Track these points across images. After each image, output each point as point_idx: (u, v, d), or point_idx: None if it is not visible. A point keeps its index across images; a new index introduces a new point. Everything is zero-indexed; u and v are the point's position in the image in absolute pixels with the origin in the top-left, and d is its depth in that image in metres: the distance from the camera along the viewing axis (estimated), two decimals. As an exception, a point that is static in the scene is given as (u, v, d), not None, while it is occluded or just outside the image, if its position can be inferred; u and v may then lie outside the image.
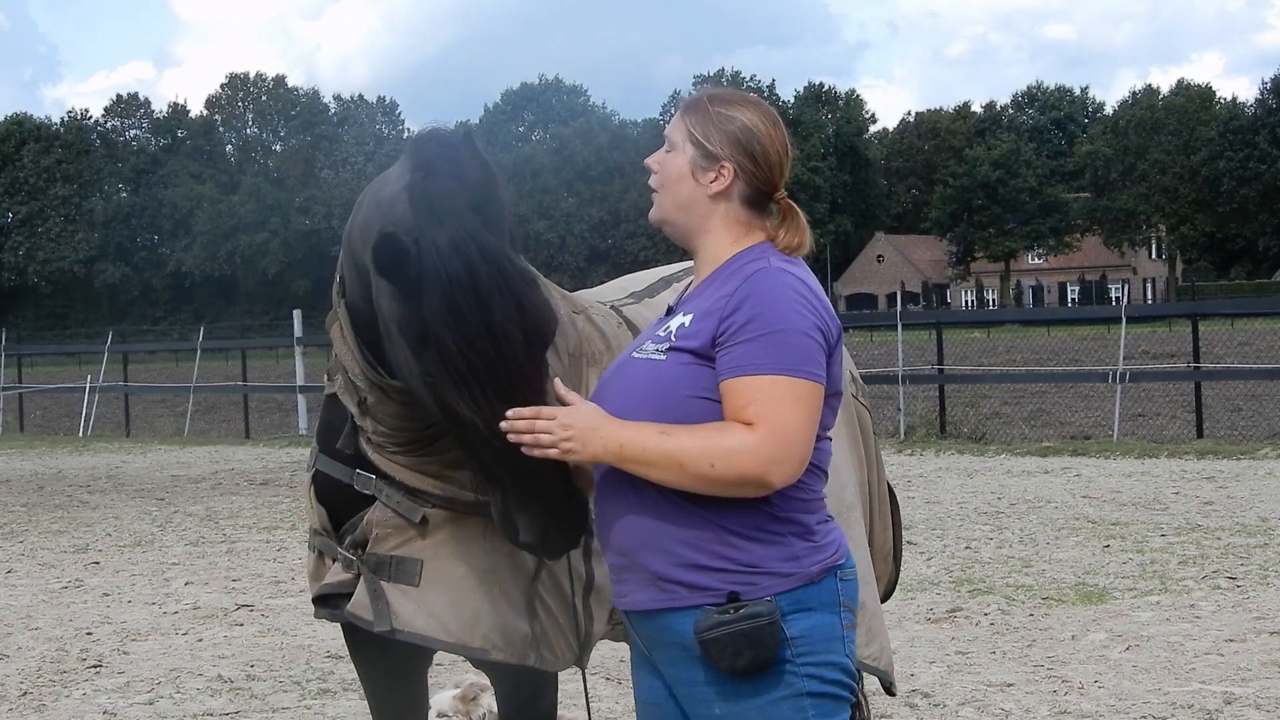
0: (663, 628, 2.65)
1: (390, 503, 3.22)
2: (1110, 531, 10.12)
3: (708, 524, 2.59)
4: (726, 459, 2.53)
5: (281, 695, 6.47)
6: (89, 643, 7.70)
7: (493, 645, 3.21)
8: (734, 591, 2.57)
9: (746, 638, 2.54)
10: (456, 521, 3.22)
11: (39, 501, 14.89)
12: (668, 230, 2.82)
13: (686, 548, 2.60)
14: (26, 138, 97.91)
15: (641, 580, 2.65)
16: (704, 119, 2.76)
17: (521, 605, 3.24)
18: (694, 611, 2.58)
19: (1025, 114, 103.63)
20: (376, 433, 3.18)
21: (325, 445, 3.36)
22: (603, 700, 6.14)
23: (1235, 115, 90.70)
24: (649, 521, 2.62)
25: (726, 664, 2.56)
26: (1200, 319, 19.99)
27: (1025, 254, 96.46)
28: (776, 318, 2.59)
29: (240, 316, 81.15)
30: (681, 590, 2.60)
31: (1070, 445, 16.62)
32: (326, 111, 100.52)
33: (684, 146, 2.77)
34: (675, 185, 2.77)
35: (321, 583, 3.36)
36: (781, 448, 2.54)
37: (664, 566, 2.61)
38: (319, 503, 3.38)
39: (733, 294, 2.63)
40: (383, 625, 3.18)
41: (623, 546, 2.67)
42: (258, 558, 10.42)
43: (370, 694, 3.62)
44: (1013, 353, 32.17)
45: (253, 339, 36.23)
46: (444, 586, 3.20)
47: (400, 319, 2.80)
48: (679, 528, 2.60)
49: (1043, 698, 5.95)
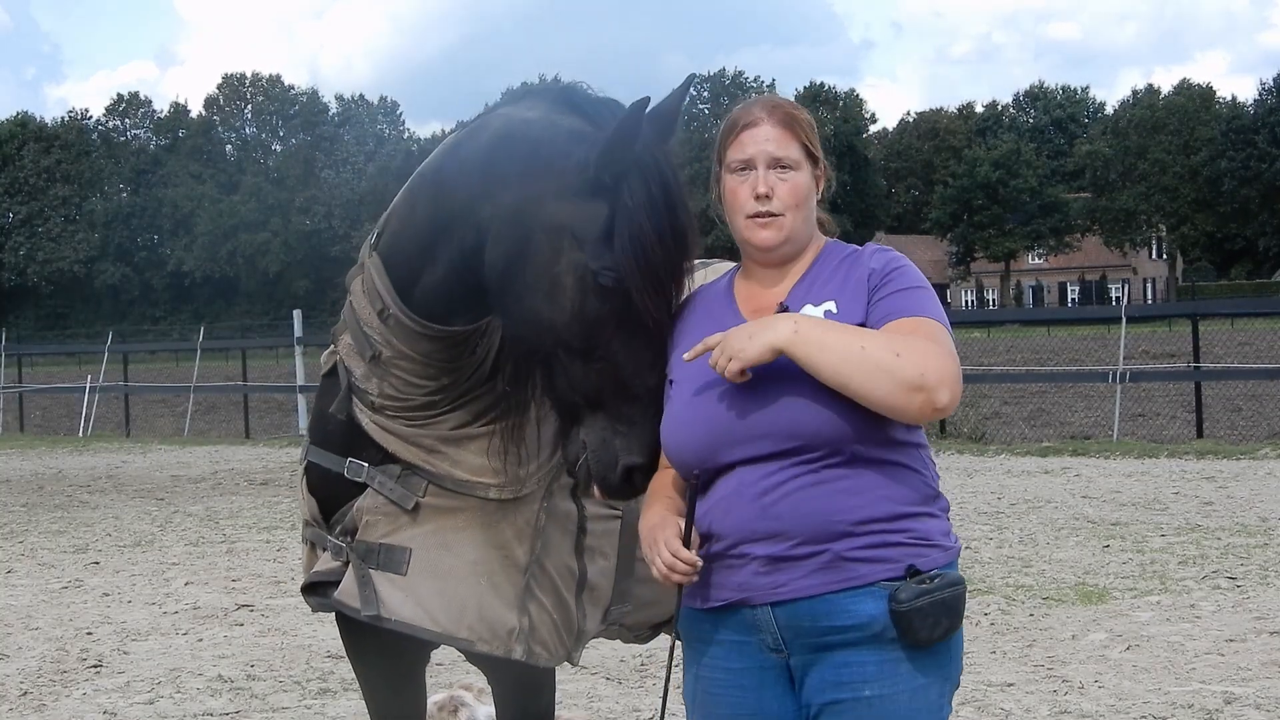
0: (830, 611, 2.61)
1: (383, 490, 3.21)
2: (1110, 531, 10.12)
3: (883, 500, 2.61)
4: (910, 351, 2.53)
5: (281, 695, 6.47)
6: (89, 643, 7.70)
7: (479, 637, 3.20)
8: (912, 565, 2.60)
9: (947, 606, 2.58)
10: (447, 512, 3.22)
11: (39, 501, 14.90)
12: (784, 250, 2.80)
13: (868, 526, 2.60)
14: (28, 138, 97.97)
15: (812, 566, 2.61)
16: (804, 125, 2.81)
17: (512, 598, 3.22)
18: (871, 589, 2.58)
19: (1026, 114, 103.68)
20: (381, 394, 3.16)
21: (317, 436, 3.36)
22: (603, 700, 6.14)
23: (1236, 115, 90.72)
24: (825, 504, 2.59)
25: (925, 634, 2.57)
26: (1200, 319, 19.97)
27: (1025, 254, 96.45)
28: (914, 275, 2.72)
29: (240, 316, 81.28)
30: (861, 568, 2.59)
31: (1070, 445, 16.62)
32: (326, 111, 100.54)
33: (804, 161, 2.80)
34: (807, 202, 2.80)
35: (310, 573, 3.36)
36: (954, 368, 2.58)
37: (845, 547, 2.59)
38: (309, 493, 3.37)
39: (865, 270, 2.73)
40: (369, 610, 3.17)
41: (793, 532, 2.61)
42: (258, 558, 10.42)
43: (368, 694, 3.62)
44: (1013, 353, 32.20)
45: (253, 339, 36.29)
46: (432, 576, 3.19)
47: (580, 216, 2.81)
48: (857, 508, 2.59)
49: (1043, 698, 5.95)
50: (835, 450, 2.60)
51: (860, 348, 2.53)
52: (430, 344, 3.07)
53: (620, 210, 2.77)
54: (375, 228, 3.21)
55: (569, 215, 2.81)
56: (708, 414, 2.67)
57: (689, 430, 2.69)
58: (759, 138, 2.77)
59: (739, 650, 2.71)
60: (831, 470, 2.60)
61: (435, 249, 3.01)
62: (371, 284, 3.12)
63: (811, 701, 2.67)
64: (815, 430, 2.59)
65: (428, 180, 3.08)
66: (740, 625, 2.69)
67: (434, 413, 3.17)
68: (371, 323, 3.13)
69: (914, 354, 2.53)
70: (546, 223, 2.82)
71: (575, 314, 2.78)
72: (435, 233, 3.00)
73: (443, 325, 3.05)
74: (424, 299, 3.05)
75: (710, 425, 2.66)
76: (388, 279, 3.09)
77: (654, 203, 2.77)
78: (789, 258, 2.80)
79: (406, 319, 3.06)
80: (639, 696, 6.24)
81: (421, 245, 3.03)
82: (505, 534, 3.23)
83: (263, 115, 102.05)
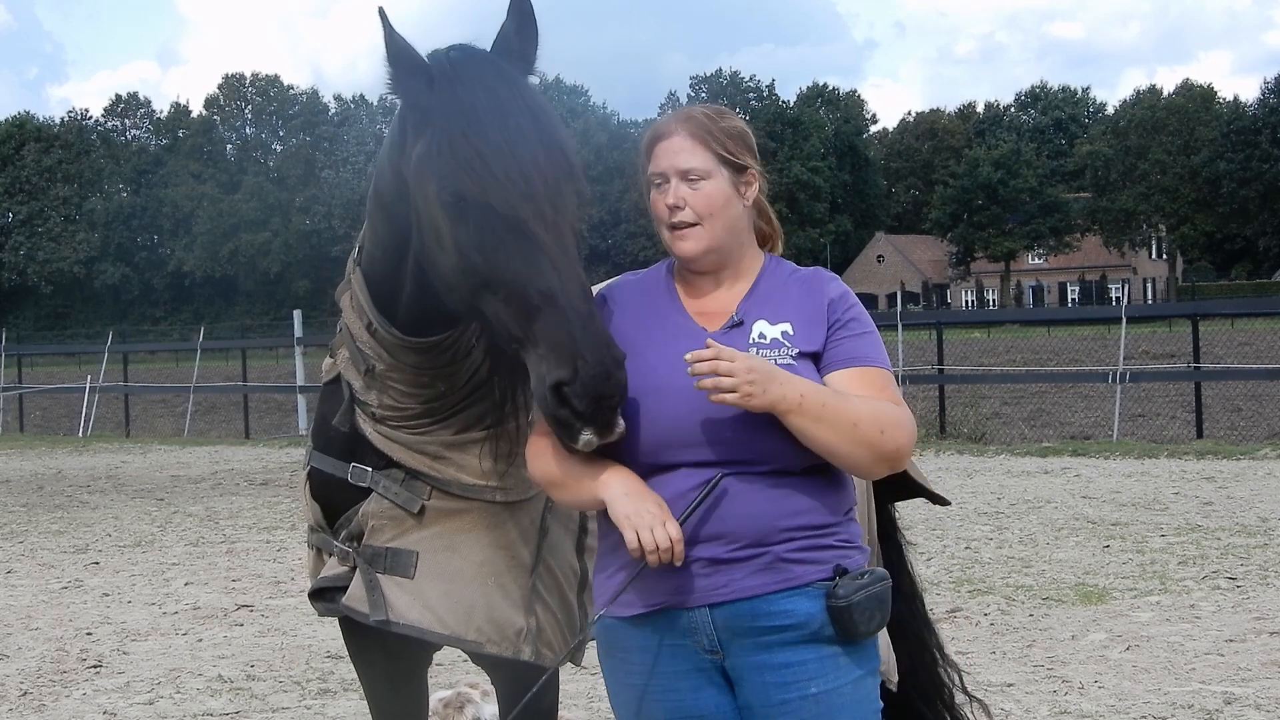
0: (769, 611, 2.68)
1: (387, 494, 3.22)
2: (1110, 532, 10.12)
3: (818, 508, 2.72)
4: (894, 428, 2.68)
5: (281, 695, 6.47)
6: (89, 643, 7.70)
7: (487, 638, 3.20)
8: (839, 565, 2.71)
9: (879, 599, 2.70)
10: (453, 514, 3.22)
11: (39, 501, 14.90)
12: (709, 259, 2.81)
13: (808, 531, 2.71)
14: (27, 138, 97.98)
15: (753, 567, 2.68)
16: (717, 134, 2.80)
17: (518, 599, 3.23)
18: (806, 589, 2.68)
19: (1026, 114, 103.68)
20: (381, 405, 3.17)
21: (319, 442, 3.37)
22: (603, 700, 6.14)
23: (1236, 115, 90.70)
24: (768, 509, 2.68)
25: (864, 627, 2.68)
26: (1200, 319, 19.98)
27: (1025, 254, 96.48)
28: (867, 319, 2.84)
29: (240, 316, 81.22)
30: (798, 568, 2.69)
31: (1070, 445, 16.63)
32: (326, 111, 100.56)
33: (717, 169, 2.80)
34: (724, 210, 2.79)
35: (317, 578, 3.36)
36: (914, 432, 2.75)
37: (784, 549, 2.68)
38: (314, 499, 3.38)
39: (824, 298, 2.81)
40: (378, 615, 3.18)
41: (738, 535, 2.68)
42: (258, 558, 10.42)
43: (371, 695, 3.62)
44: (1013, 353, 32.20)
45: (253, 339, 36.27)
46: (439, 578, 3.19)
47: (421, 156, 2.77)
48: (800, 513, 2.70)
49: (1043, 698, 5.95)
50: (778, 464, 2.69)
51: (853, 425, 2.65)
52: (417, 356, 3.08)
53: (434, 132, 2.75)
54: (357, 241, 3.23)
55: (417, 162, 2.80)
56: (660, 414, 2.70)
57: (640, 427, 2.71)
58: (670, 149, 2.81)
59: (673, 654, 2.75)
60: (772, 479, 2.70)
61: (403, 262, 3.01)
62: (357, 300, 3.15)
63: (756, 704, 2.72)
64: (767, 449, 2.68)
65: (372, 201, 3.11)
66: (673, 629, 2.73)
67: (434, 419, 3.17)
68: (362, 337, 3.15)
69: (895, 431, 2.68)
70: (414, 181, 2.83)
71: (456, 250, 2.74)
72: (398, 246, 3.01)
73: (423, 337, 3.06)
74: (406, 312, 3.06)
75: (664, 425, 2.70)
76: (369, 296, 3.11)
77: (462, 106, 2.73)
78: (720, 265, 2.83)
79: (388, 334, 3.08)
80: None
81: (391, 263, 3.05)
82: (510, 535, 3.24)
83: (263, 115, 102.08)
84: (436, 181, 2.74)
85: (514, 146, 2.71)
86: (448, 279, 2.81)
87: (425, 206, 2.80)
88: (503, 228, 2.68)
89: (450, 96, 2.75)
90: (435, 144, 2.74)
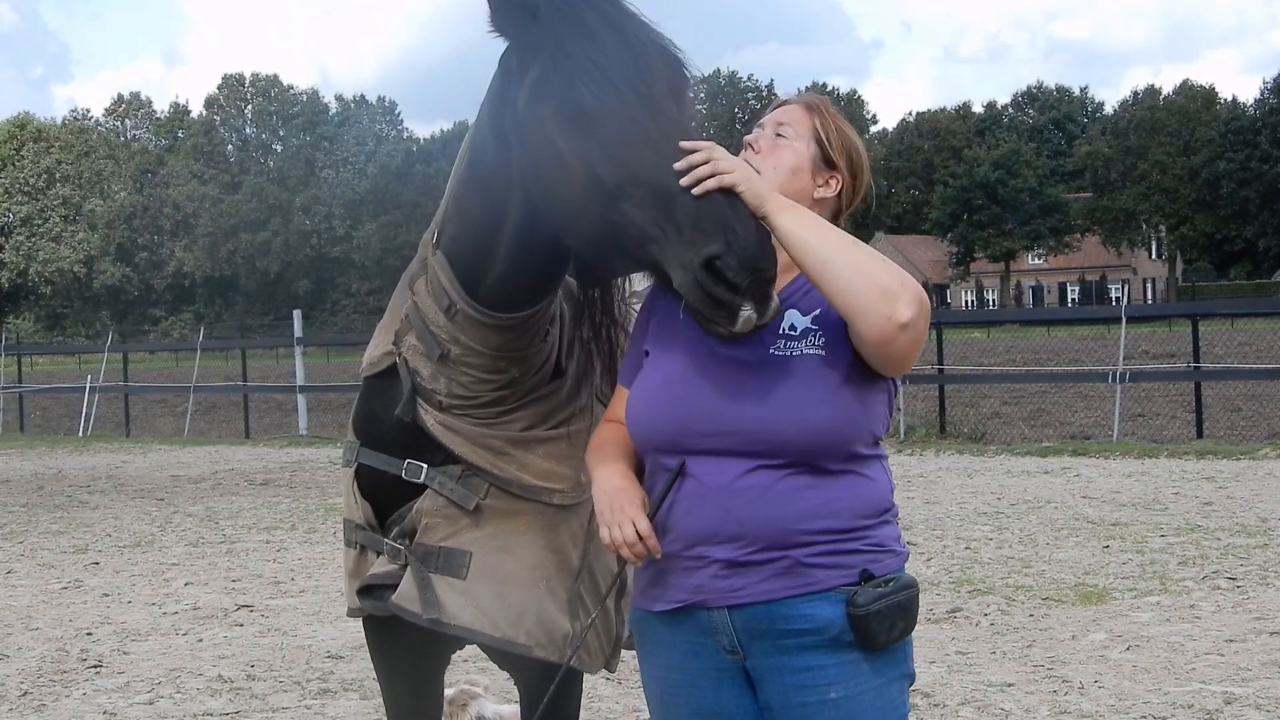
0: (787, 615, 2.63)
1: (443, 490, 3.16)
2: (1110, 532, 10.12)
3: (844, 512, 2.64)
4: (884, 262, 2.56)
5: (281, 695, 6.47)
6: (89, 643, 7.70)
7: (536, 642, 3.16)
8: (866, 570, 2.64)
9: (902, 608, 2.63)
10: (509, 515, 3.17)
11: (39, 501, 14.89)
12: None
13: (832, 535, 2.63)
14: (27, 138, 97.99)
15: (771, 570, 2.63)
16: (830, 125, 2.80)
17: (565, 603, 3.19)
18: (827, 594, 2.62)
19: (1026, 114, 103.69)
20: (450, 394, 3.12)
21: (368, 438, 3.29)
22: (603, 700, 6.14)
23: (1236, 116, 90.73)
24: (787, 511, 2.61)
25: (883, 636, 2.62)
26: (1200, 319, 19.99)
27: (1025, 254, 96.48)
28: None
29: (240, 316, 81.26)
30: (819, 573, 2.62)
31: (1070, 445, 16.63)
32: (327, 111, 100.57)
33: (808, 141, 2.79)
34: (791, 177, 2.77)
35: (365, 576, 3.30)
36: (920, 300, 2.55)
37: (805, 553, 2.62)
38: (363, 497, 3.31)
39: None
40: (430, 614, 3.13)
41: (754, 537, 2.63)
42: (258, 558, 10.42)
43: (389, 693, 3.57)
44: (1013, 353, 32.21)
45: (253, 339, 36.29)
46: (492, 580, 3.15)
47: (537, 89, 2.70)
48: (823, 515, 2.62)
49: (1043, 698, 5.95)
50: (800, 460, 2.61)
51: (853, 241, 2.57)
52: (500, 336, 3.05)
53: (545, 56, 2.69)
54: (433, 228, 3.18)
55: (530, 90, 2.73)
56: (683, 398, 2.66)
57: (661, 412, 2.68)
58: (781, 112, 2.85)
59: (695, 651, 2.73)
60: (794, 479, 2.62)
61: (494, 242, 2.98)
62: (438, 283, 3.09)
63: (776, 705, 2.69)
64: (786, 439, 2.60)
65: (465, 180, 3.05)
66: (696, 627, 2.71)
67: (502, 409, 3.13)
68: (439, 321, 3.10)
69: (887, 264, 2.56)
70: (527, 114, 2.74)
71: (584, 167, 2.63)
72: (493, 224, 2.97)
73: (510, 313, 3.03)
74: (490, 293, 3.03)
75: (683, 411, 2.65)
76: (454, 276, 3.07)
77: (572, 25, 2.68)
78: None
79: (475, 312, 3.04)
80: (639, 697, 6.22)
81: (481, 244, 3.01)
82: (563, 538, 3.20)
83: (263, 115, 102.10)
84: (554, 102, 2.66)
85: (633, 53, 2.67)
86: (576, 204, 2.67)
87: (540, 141, 2.70)
88: (629, 130, 2.60)
89: (559, 19, 2.70)
90: (548, 66, 2.68)
